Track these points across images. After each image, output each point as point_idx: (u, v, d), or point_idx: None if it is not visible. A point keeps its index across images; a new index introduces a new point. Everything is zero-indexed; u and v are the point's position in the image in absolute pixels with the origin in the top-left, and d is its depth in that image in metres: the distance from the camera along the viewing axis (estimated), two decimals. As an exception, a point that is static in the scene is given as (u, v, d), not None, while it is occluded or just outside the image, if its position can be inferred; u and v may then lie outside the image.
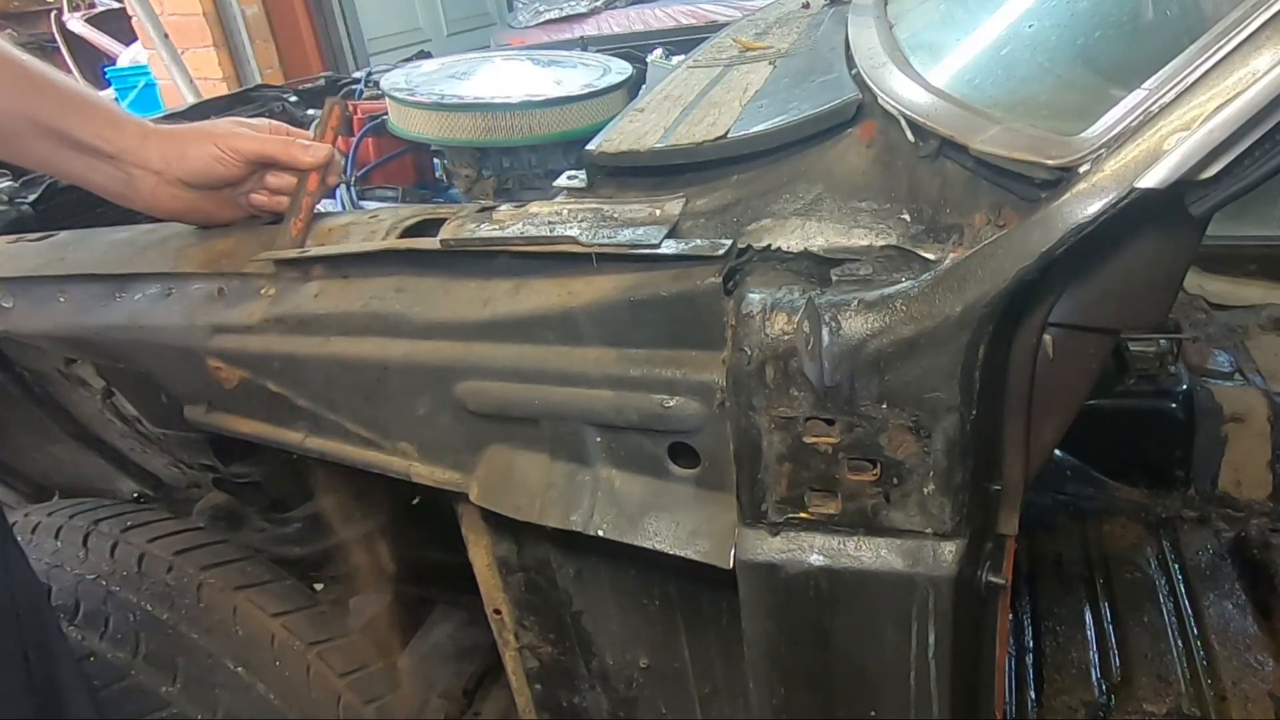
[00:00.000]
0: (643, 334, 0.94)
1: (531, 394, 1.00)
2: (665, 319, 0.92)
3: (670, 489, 0.98)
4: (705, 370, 0.91)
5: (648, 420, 0.95)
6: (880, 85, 1.02)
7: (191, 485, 1.51)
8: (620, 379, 0.95)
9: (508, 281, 1.01)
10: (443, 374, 1.04)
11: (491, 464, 1.07)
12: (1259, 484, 1.83)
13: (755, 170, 1.03)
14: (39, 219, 1.46)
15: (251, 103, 2.02)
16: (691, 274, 0.90)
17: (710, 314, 0.90)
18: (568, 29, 4.67)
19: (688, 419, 0.93)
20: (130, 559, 1.21)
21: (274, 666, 1.19)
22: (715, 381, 0.90)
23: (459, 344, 1.03)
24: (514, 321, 0.99)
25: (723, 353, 0.90)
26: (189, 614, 1.17)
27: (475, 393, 1.03)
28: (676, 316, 0.92)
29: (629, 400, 0.95)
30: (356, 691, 1.25)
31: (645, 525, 0.99)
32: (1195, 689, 1.51)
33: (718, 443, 0.93)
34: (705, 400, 0.91)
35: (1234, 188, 0.70)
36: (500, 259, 1.01)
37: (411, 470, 1.12)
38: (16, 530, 1.22)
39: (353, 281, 1.09)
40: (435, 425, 1.08)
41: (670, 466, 0.97)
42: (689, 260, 0.91)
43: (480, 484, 1.07)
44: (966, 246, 0.83)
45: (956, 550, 0.88)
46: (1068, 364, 0.86)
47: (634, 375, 0.94)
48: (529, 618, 1.23)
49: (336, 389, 1.11)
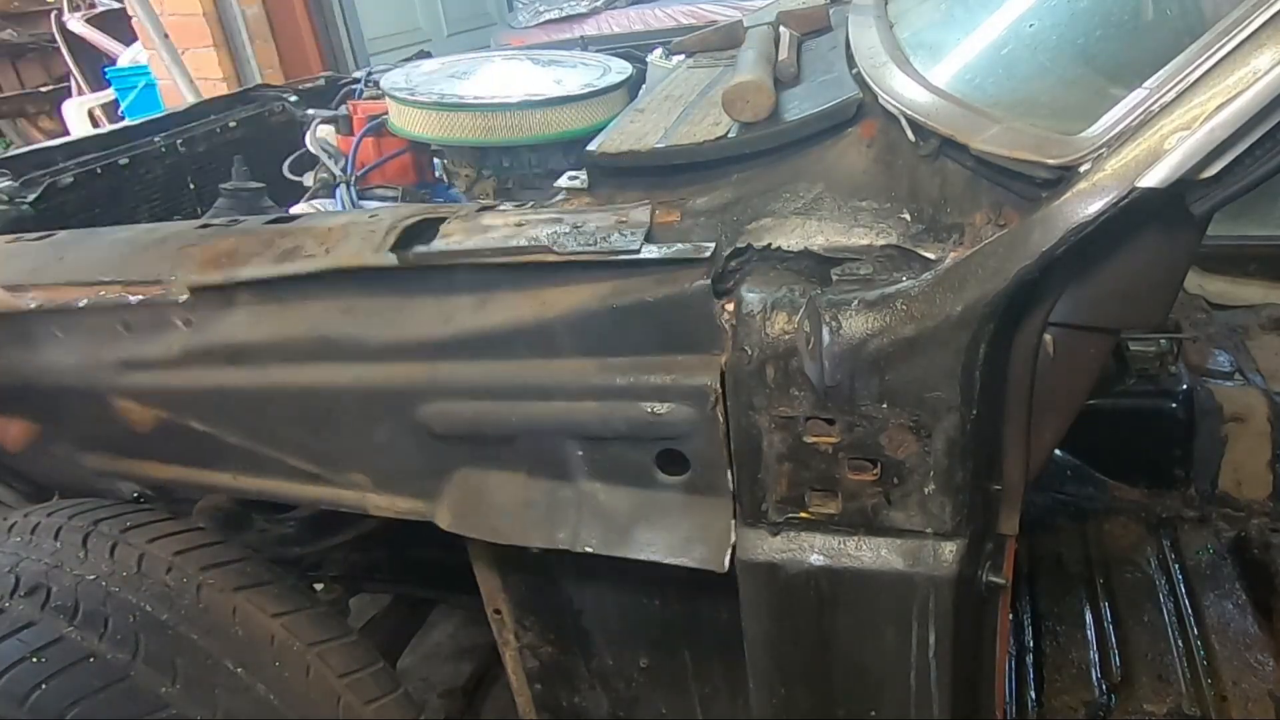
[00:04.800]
0: (626, 341, 0.92)
1: (507, 411, 0.97)
2: (651, 325, 0.91)
3: (659, 498, 0.96)
4: (696, 374, 0.90)
5: (636, 429, 0.93)
6: (881, 84, 1.02)
7: (191, 485, 1.51)
8: (604, 389, 0.93)
9: (470, 296, 0.97)
10: (403, 397, 0.99)
11: (462, 488, 1.03)
12: (1259, 484, 1.83)
13: (755, 169, 1.03)
14: (39, 219, 1.45)
15: (252, 102, 2.03)
16: (677, 277, 0.89)
17: (700, 317, 0.89)
18: (568, 29, 4.67)
19: (679, 425, 0.91)
20: (130, 559, 1.20)
21: (274, 667, 1.19)
22: (707, 385, 0.89)
23: (421, 365, 0.98)
24: (483, 337, 0.96)
25: (714, 355, 0.89)
26: (189, 614, 1.17)
27: (442, 414, 0.99)
28: (663, 321, 0.90)
29: (615, 410, 0.93)
30: (356, 692, 1.25)
31: (636, 536, 0.97)
32: (1195, 689, 1.50)
33: (709, 446, 0.92)
34: (697, 404, 0.90)
35: (1235, 187, 0.70)
36: (460, 273, 0.96)
37: (366, 502, 1.07)
38: (16, 530, 1.22)
39: (290, 305, 1.03)
40: (393, 453, 1.03)
41: (658, 475, 0.95)
42: (673, 264, 0.89)
43: (451, 510, 1.03)
44: (967, 246, 0.83)
45: (957, 550, 0.88)
46: (1068, 364, 0.86)
47: (619, 384, 0.92)
48: (529, 618, 1.23)
49: (275, 423, 1.04)
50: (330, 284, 1.01)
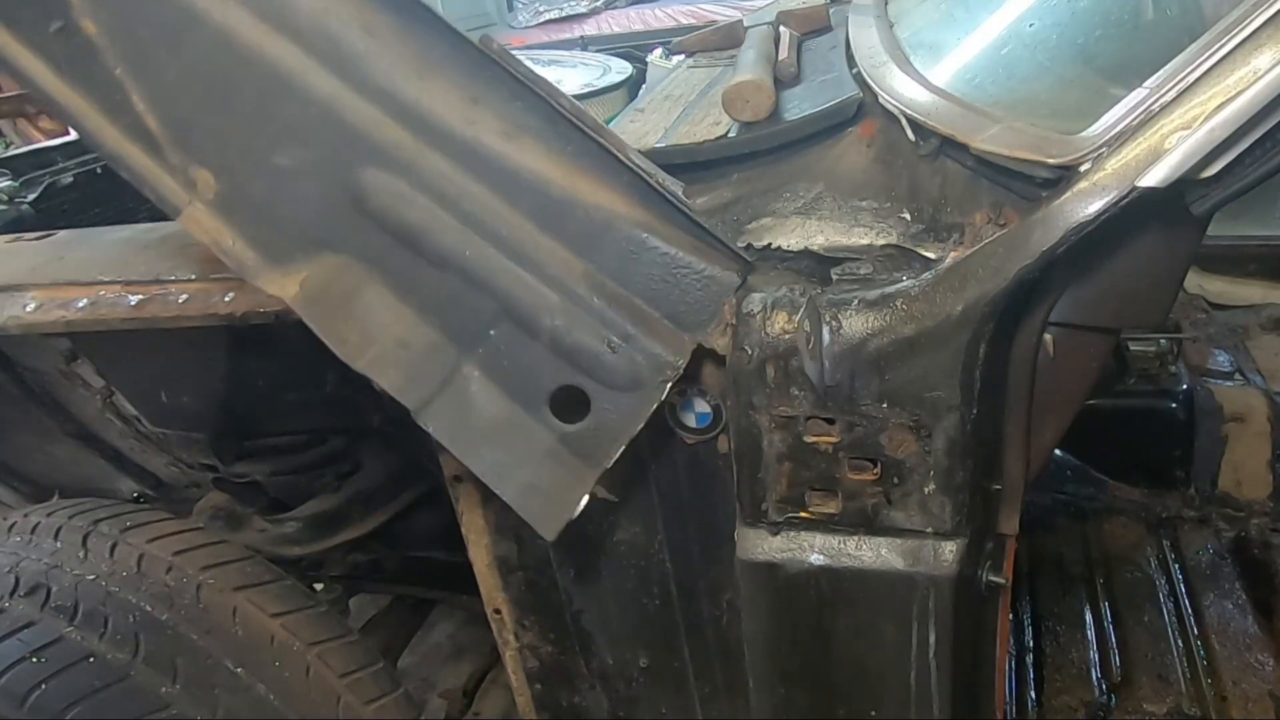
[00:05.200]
0: (629, 273, 0.87)
1: (465, 240, 0.86)
2: (663, 279, 0.88)
3: (530, 429, 0.88)
4: (669, 344, 0.87)
5: (573, 350, 0.86)
6: (881, 84, 1.02)
7: (191, 485, 1.51)
8: (578, 295, 0.87)
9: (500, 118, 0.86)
10: (357, 146, 0.84)
11: (333, 275, 0.87)
12: (1259, 484, 1.83)
13: (755, 169, 1.03)
14: (39, 219, 1.46)
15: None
16: (712, 257, 0.87)
17: (707, 305, 0.87)
18: (568, 29, 4.68)
19: (613, 376, 0.86)
20: (130, 559, 1.20)
21: (274, 667, 1.19)
22: (671, 359, 0.85)
23: (406, 131, 0.85)
24: (499, 164, 0.86)
25: (692, 336, 0.87)
26: (189, 614, 1.17)
27: (391, 194, 0.85)
28: (674, 284, 0.87)
29: (575, 319, 0.86)
30: (356, 692, 1.25)
31: (483, 451, 0.88)
32: (1195, 689, 1.51)
33: (621, 416, 0.86)
34: (649, 370, 0.85)
35: (1235, 187, 0.70)
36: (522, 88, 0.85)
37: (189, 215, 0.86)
38: (16, 530, 1.22)
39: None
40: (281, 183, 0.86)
41: (544, 410, 0.88)
42: (714, 245, 0.87)
43: (308, 291, 0.87)
44: (967, 245, 0.83)
45: (957, 550, 0.88)
46: (1068, 364, 0.86)
47: (596, 302, 0.87)
48: (529, 618, 1.23)
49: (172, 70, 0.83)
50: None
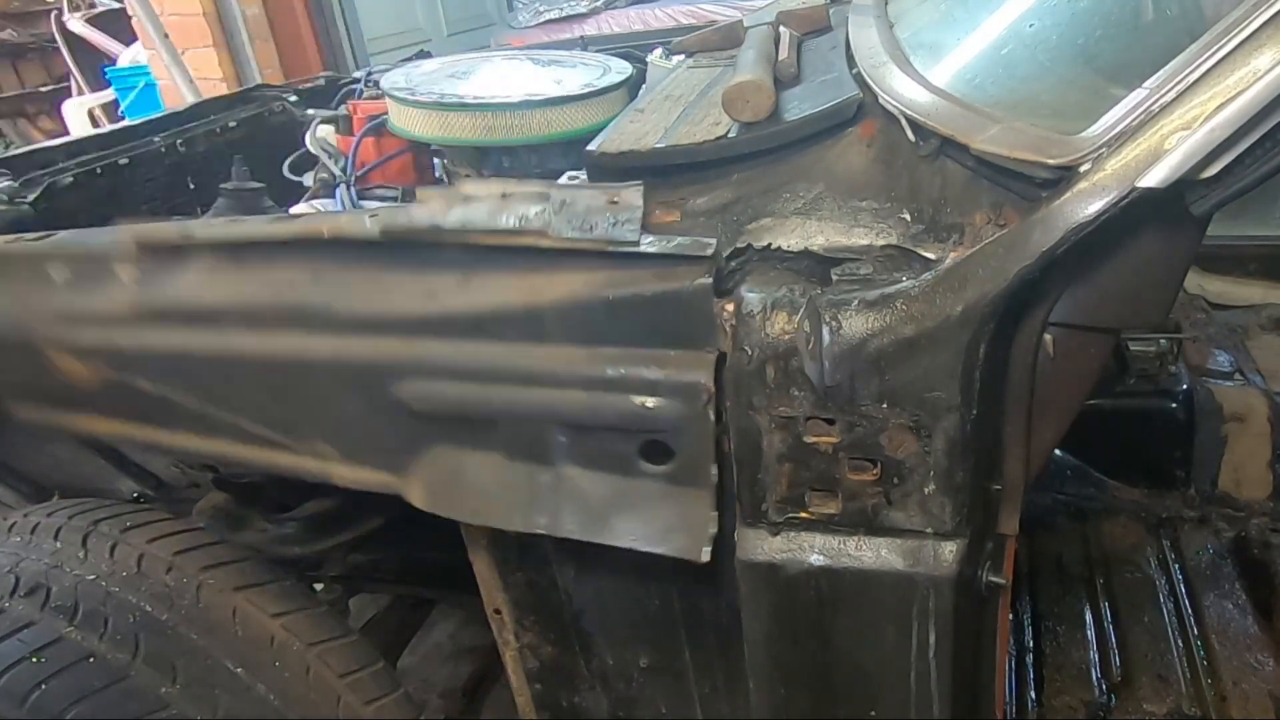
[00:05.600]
0: (618, 332, 0.90)
1: (490, 394, 0.94)
2: (647, 318, 0.89)
3: (640, 485, 0.95)
4: (689, 370, 0.89)
5: (623, 421, 0.91)
6: (881, 84, 1.02)
7: (191, 485, 1.51)
8: (594, 379, 0.91)
9: (452, 275, 0.94)
10: (378, 372, 0.97)
11: (437, 466, 1.00)
12: (1259, 484, 1.83)
13: (755, 169, 1.03)
14: (39, 219, 1.45)
15: (251, 103, 2.02)
16: (677, 273, 0.87)
17: (699, 314, 0.88)
18: (568, 29, 4.67)
19: (667, 419, 0.90)
20: (130, 559, 1.20)
21: (274, 667, 1.19)
22: (700, 382, 0.88)
23: (399, 340, 0.96)
24: (469, 318, 0.93)
25: (707, 351, 0.88)
26: (189, 615, 1.17)
27: (421, 393, 0.96)
28: (660, 316, 0.89)
29: (604, 401, 0.91)
30: (356, 692, 1.25)
31: (616, 523, 0.95)
32: (1195, 689, 1.51)
33: (696, 440, 0.90)
34: (687, 400, 0.89)
35: (1235, 187, 0.70)
36: (446, 250, 0.93)
37: (330, 472, 1.05)
38: (16, 530, 1.22)
39: (250, 269, 0.99)
40: (363, 425, 1.00)
41: (641, 464, 0.94)
42: (673, 260, 0.88)
43: (425, 487, 1.01)
44: (967, 246, 0.83)
45: (957, 550, 0.88)
46: (1068, 364, 0.86)
47: (609, 375, 0.90)
48: (529, 618, 1.23)
49: (235, 388, 1.01)
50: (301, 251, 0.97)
